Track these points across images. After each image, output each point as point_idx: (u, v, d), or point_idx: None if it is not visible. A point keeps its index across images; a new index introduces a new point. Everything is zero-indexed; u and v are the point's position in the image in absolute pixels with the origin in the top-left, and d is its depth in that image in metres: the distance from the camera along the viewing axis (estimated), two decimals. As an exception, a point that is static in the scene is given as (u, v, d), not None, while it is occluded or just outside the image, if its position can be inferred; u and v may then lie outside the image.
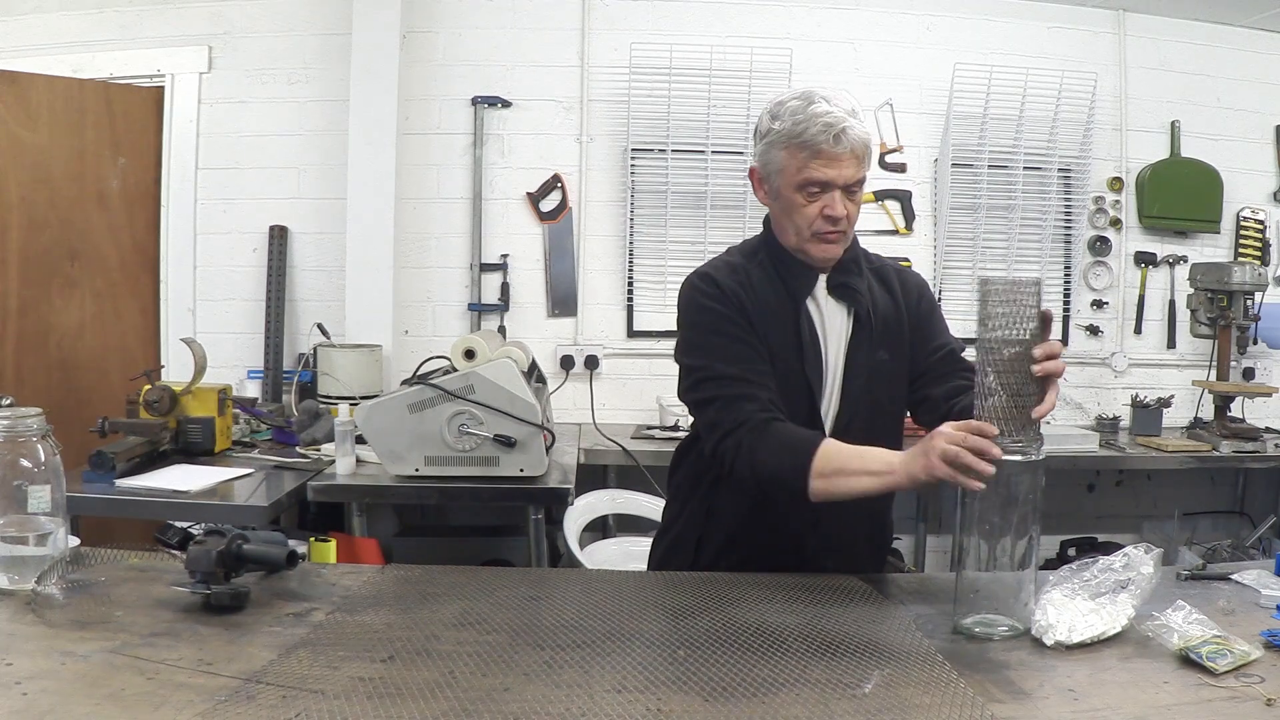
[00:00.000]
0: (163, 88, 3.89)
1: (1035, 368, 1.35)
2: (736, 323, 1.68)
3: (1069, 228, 4.10)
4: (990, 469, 1.33)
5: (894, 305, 1.76)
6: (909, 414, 1.83)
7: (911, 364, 1.77)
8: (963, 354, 1.78)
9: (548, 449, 2.70)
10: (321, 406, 3.36)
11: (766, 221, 1.78)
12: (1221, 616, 1.39)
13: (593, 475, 3.45)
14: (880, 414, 1.74)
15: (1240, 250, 4.13)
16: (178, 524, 2.85)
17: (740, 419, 1.61)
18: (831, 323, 1.72)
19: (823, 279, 1.73)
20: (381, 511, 3.52)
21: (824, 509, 1.63)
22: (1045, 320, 1.37)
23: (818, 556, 1.73)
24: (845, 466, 1.53)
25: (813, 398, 1.69)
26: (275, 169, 3.90)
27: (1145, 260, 4.12)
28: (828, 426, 1.71)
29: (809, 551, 1.73)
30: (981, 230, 4.03)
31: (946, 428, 1.38)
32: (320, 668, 1.19)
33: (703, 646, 1.29)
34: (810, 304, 1.72)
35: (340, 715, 1.07)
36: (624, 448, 3.43)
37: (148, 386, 2.99)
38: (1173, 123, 4.06)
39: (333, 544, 2.70)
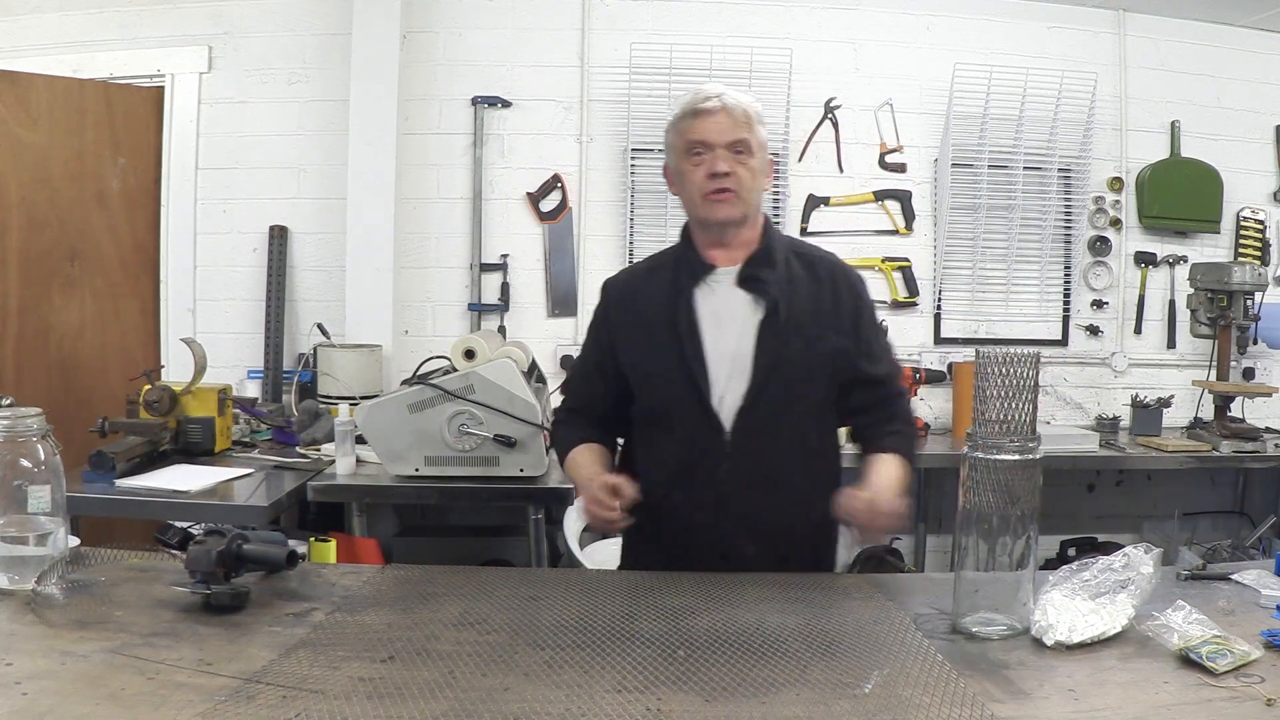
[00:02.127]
0: (163, 88, 3.88)
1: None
2: (592, 348, 1.92)
3: (1069, 228, 4.10)
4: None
5: (816, 299, 1.79)
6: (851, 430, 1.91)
7: (851, 370, 1.81)
8: (895, 369, 1.90)
9: (548, 449, 2.70)
10: (321, 406, 3.36)
11: (684, 228, 1.87)
12: (1221, 616, 1.39)
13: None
14: (794, 403, 1.75)
15: (1240, 250, 4.13)
16: (178, 524, 2.82)
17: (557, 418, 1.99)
18: (733, 313, 1.77)
19: (725, 272, 1.79)
20: (381, 511, 3.52)
21: (732, 496, 1.74)
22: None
23: (736, 544, 1.76)
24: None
25: (697, 386, 1.74)
26: (275, 169, 3.90)
27: (1145, 260, 4.12)
28: (729, 412, 1.75)
29: (723, 537, 1.76)
30: (981, 230, 4.03)
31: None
32: (320, 668, 1.19)
33: (703, 646, 1.29)
34: (702, 295, 1.79)
35: (340, 715, 1.07)
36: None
37: (148, 386, 2.99)
38: (1173, 123, 4.06)
39: (333, 544, 2.70)
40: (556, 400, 3.72)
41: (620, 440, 1.95)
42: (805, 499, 1.79)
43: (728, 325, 1.77)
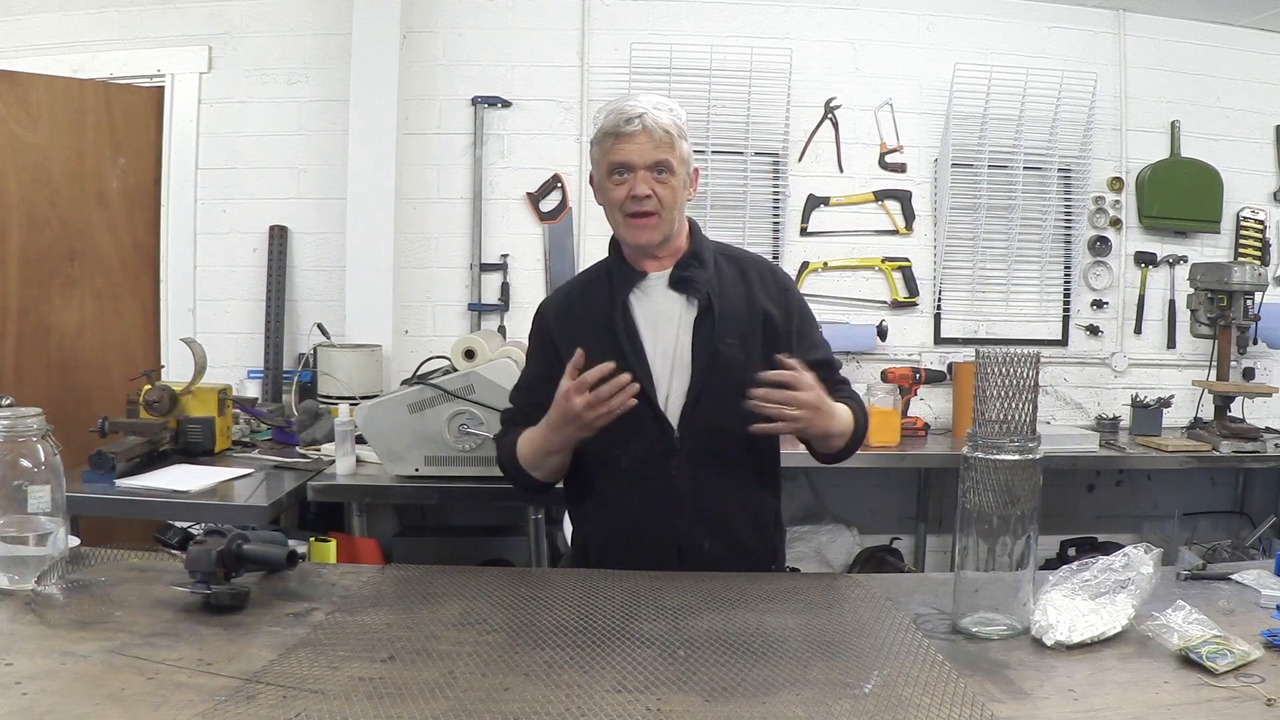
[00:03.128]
0: (163, 88, 3.88)
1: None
2: (534, 362, 1.96)
3: (1069, 228, 4.10)
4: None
5: (747, 295, 1.85)
6: None
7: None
8: (834, 364, 1.93)
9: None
10: (321, 406, 3.36)
11: (612, 239, 1.93)
12: (1221, 616, 1.39)
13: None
14: (732, 394, 1.76)
15: (1240, 250, 4.13)
16: (178, 524, 2.83)
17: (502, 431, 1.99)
18: (668, 314, 1.84)
19: (657, 276, 1.85)
20: (381, 511, 3.52)
21: (684, 493, 1.78)
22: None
23: (692, 539, 1.79)
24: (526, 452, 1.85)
25: (643, 388, 1.75)
26: (275, 169, 3.90)
27: (1145, 260, 4.12)
28: (674, 410, 1.80)
29: (678, 533, 1.79)
30: (981, 230, 4.03)
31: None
32: (320, 668, 1.19)
33: (703, 646, 1.29)
34: (637, 300, 1.85)
35: (340, 715, 1.07)
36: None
37: (148, 386, 2.99)
38: (1173, 123, 4.06)
39: (333, 544, 2.70)
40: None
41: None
42: (751, 490, 1.87)
43: (664, 326, 1.83)
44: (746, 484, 1.86)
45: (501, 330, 3.93)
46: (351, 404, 3.23)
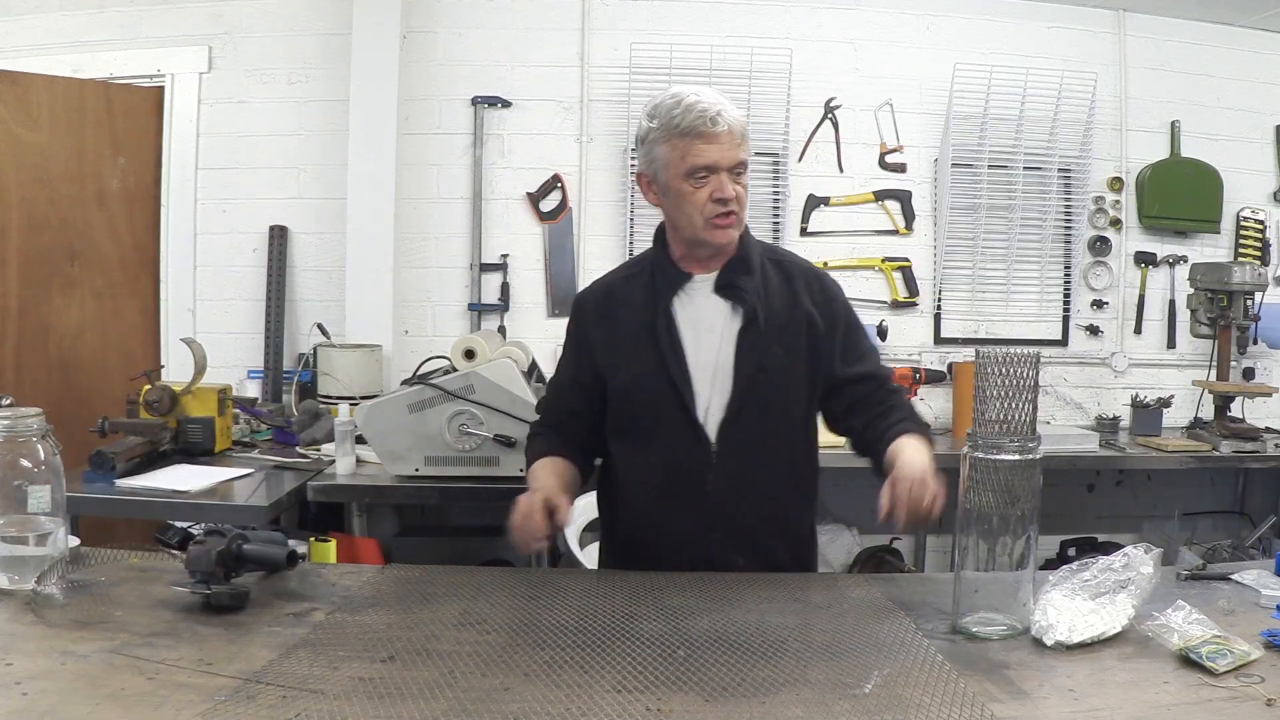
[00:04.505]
0: (163, 88, 3.88)
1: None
2: (569, 363, 1.89)
3: (1069, 228, 4.10)
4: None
5: (791, 304, 1.77)
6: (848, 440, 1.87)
7: (830, 376, 1.78)
8: (883, 369, 1.85)
9: (548, 449, 2.70)
10: (321, 406, 3.36)
11: (657, 232, 1.83)
12: (1221, 616, 1.39)
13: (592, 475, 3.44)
14: (774, 408, 1.74)
15: (1240, 250, 4.13)
16: (178, 524, 2.84)
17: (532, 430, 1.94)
18: (712, 322, 1.75)
19: (703, 279, 1.77)
20: (381, 511, 3.52)
21: (719, 508, 1.72)
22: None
23: (725, 555, 1.74)
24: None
25: (681, 398, 1.72)
26: (275, 169, 3.90)
27: (1145, 260, 4.12)
28: (713, 421, 1.73)
29: (710, 548, 1.74)
30: (981, 230, 4.03)
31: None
32: (320, 668, 1.19)
33: (703, 646, 1.29)
34: (680, 304, 1.76)
35: (340, 715, 1.07)
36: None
37: (148, 386, 2.99)
38: (1173, 123, 4.06)
39: (333, 544, 2.70)
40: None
41: (598, 460, 1.92)
42: (789, 506, 1.80)
43: (706, 335, 1.75)
44: (784, 499, 1.79)
45: (501, 330, 3.93)
46: (351, 404, 3.23)
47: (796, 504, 1.83)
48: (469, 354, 2.70)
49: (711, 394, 1.73)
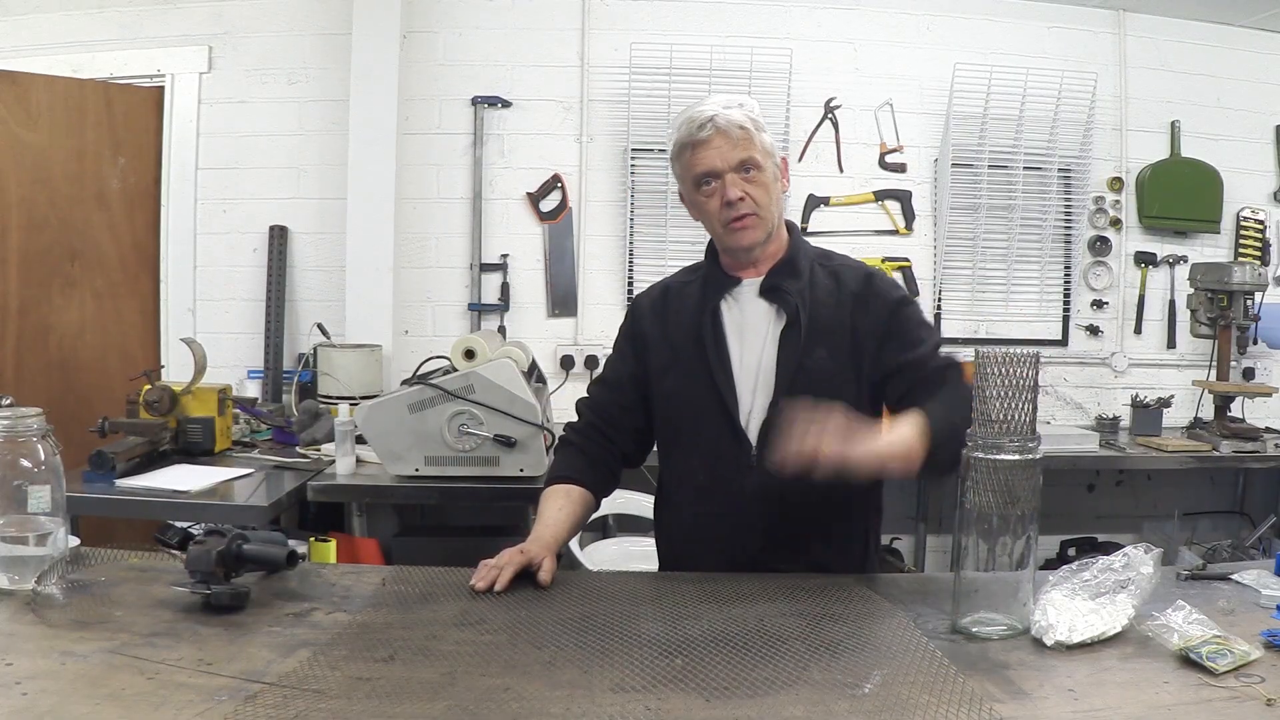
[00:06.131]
0: (163, 88, 3.89)
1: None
2: (623, 360, 1.88)
3: (1069, 228, 4.10)
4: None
5: (837, 304, 1.74)
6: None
7: (880, 368, 1.74)
8: (927, 354, 1.72)
9: (548, 449, 2.70)
10: (321, 406, 3.36)
11: (709, 243, 1.84)
12: (1221, 616, 1.39)
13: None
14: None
15: (1240, 250, 4.13)
16: (178, 524, 2.82)
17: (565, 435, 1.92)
18: (756, 325, 1.75)
19: (750, 284, 1.77)
20: (381, 511, 3.51)
21: (760, 511, 1.70)
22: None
23: (765, 559, 1.71)
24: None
25: (724, 402, 1.71)
26: (275, 169, 3.90)
27: (1145, 260, 4.12)
28: (755, 426, 1.71)
29: (752, 552, 1.72)
30: (981, 230, 4.03)
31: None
32: (320, 668, 1.19)
33: (702, 646, 1.29)
34: (727, 308, 1.77)
35: (340, 715, 1.07)
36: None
37: (148, 386, 2.99)
38: (1173, 123, 4.06)
39: (333, 544, 2.71)
40: (556, 400, 3.75)
41: (642, 463, 1.94)
42: (835, 509, 1.75)
43: (751, 338, 1.74)
44: (832, 506, 1.73)
45: (501, 330, 3.93)
46: (351, 404, 3.23)
47: (847, 509, 1.78)
48: (469, 354, 2.70)
49: (755, 397, 1.73)
